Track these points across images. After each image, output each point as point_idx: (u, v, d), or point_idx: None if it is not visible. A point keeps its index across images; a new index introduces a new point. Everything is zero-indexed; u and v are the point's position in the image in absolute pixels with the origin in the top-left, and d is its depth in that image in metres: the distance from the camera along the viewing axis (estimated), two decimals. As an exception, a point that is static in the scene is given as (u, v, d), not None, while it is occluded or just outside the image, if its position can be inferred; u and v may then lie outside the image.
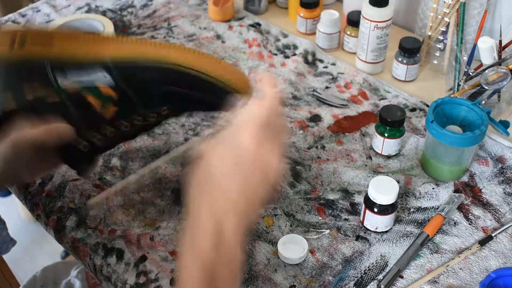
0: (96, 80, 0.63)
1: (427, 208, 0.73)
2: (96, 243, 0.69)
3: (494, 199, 0.74)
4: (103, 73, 0.63)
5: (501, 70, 0.78)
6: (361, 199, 0.73)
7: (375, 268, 0.66)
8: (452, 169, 0.75)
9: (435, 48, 0.95)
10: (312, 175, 0.78)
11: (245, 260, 0.67)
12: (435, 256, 0.67)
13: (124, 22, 1.11)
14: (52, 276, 1.06)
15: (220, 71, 0.67)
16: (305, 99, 0.91)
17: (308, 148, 0.82)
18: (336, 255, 0.68)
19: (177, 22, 1.10)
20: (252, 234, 0.70)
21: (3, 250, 1.08)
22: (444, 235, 0.70)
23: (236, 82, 0.68)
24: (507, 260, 0.67)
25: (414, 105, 0.89)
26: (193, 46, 1.04)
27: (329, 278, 0.65)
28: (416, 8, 0.98)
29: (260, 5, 1.12)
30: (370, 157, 0.80)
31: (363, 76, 0.94)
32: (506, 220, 0.71)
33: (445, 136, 0.71)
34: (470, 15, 0.91)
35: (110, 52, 0.64)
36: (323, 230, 0.70)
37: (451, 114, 0.76)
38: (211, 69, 0.66)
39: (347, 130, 0.85)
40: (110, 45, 0.64)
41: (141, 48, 0.64)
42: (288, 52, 1.01)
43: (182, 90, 0.66)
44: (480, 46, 0.81)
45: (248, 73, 0.97)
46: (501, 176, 0.76)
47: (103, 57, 0.64)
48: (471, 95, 0.83)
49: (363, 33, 0.92)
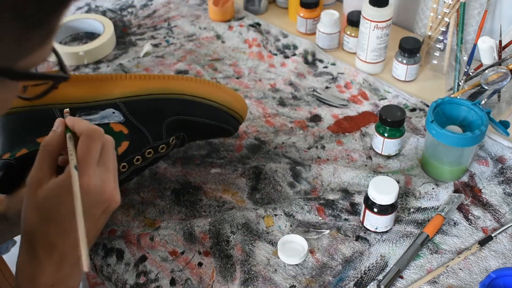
0: (106, 117, 0.65)
1: (427, 208, 0.73)
2: (96, 244, 0.69)
3: (494, 199, 0.74)
4: (112, 110, 0.66)
5: (501, 70, 0.78)
6: (361, 199, 0.73)
7: (375, 269, 0.66)
8: (452, 169, 0.75)
9: (435, 48, 0.95)
10: (312, 175, 0.78)
11: (245, 260, 0.67)
12: (435, 256, 0.67)
13: (124, 22, 1.11)
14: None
15: (222, 96, 0.71)
16: (305, 99, 0.91)
17: (308, 148, 0.82)
18: (336, 255, 0.68)
19: (177, 22, 1.10)
20: (252, 234, 0.70)
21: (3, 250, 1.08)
22: (444, 235, 0.70)
23: (236, 104, 0.73)
24: (506, 261, 0.67)
25: (414, 105, 0.89)
26: (193, 46, 1.04)
27: (329, 278, 0.65)
28: (416, 8, 0.98)
29: (260, 5, 1.12)
30: (370, 157, 0.80)
31: (363, 76, 0.94)
32: (506, 221, 0.71)
33: (445, 136, 0.71)
34: (470, 15, 0.91)
35: (117, 90, 0.66)
36: (323, 230, 0.70)
37: (451, 114, 0.76)
38: (214, 94, 0.70)
39: (347, 130, 0.85)
40: (117, 83, 0.67)
41: (145, 83, 0.67)
42: (288, 52, 1.01)
43: (189, 118, 0.69)
44: (480, 46, 0.81)
45: (248, 73, 0.97)
46: (501, 176, 0.76)
47: (111, 95, 0.66)
48: (471, 95, 0.83)
49: (363, 33, 0.92)
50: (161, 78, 0.68)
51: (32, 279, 0.53)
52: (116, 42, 1.05)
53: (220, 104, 0.71)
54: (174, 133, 0.69)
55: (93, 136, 0.54)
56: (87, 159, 0.52)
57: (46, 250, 0.53)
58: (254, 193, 0.76)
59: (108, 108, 0.66)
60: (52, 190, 0.52)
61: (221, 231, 0.70)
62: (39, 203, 0.52)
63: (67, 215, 0.52)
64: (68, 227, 0.52)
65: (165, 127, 0.68)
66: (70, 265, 0.55)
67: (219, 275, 0.66)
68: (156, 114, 0.68)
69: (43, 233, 0.53)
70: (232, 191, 0.76)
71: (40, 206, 0.52)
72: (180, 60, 1.00)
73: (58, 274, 0.54)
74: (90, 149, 0.53)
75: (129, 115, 0.66)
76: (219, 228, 0.70)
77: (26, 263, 0.54)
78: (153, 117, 0.67)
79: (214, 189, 0.76)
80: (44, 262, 0.53)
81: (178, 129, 0.70)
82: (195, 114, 0.70)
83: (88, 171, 0.52)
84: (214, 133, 0.75)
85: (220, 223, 0.71)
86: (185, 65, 0.98)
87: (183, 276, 0.66)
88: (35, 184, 0.53)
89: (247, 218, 0.71)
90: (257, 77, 0.96)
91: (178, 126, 0.69)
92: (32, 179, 0.53)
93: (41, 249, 0.53)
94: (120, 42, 1.05)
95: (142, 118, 0.67)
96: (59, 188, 0.52)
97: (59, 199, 0.52)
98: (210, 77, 0.96)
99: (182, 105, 0.69)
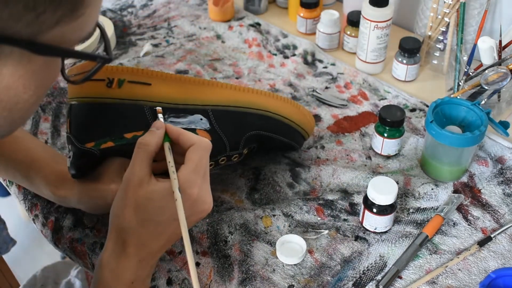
0: (193, 123, 0.65)
1: (426, 208, 0.73)
2: (94, 242, 0.69)
3: (493, 200, 0.73)
4: (200, 116, 0.66)
5: (501, 70, 0.77)
6: (360, 200, 0.73)
7: (374, 269, 0.66)
8: (452, 170, 0.75)
9: (435, 48, 0.95)
10: (312, 175, 0.77)
11: (243, 260, 0.67)
12: (434, 257, 0.67)
13: (124, 22, 1.11)
14: (52, 276, 1.06)
15: (299, 115, 0.73)
16: (304, 99, 0.91)
17: (308, 148, 0.82)
18: (335, 255, 0.67)
19: (177, 22, 1.10)
20: (251, 234, 0.70)
21: (3, 250, 1.08)
22: (443, 236, 0.69)
23: (308, 125, 0.76)
24: (506, 261, 0.66)
25: (414, 105, 0.88)
26: (193, 46, 1.04)
27: (328, 278, 0.65)
28: (416, 8, 0.98)
29: (260, 5, 1.12)
30: (369, 157, 0.80)
31: (363, 76, 0.94)
32: (505, 221, 0.71)
33: (445, 136, 0.71)
34: (470, 15, 0.91)
35: (208, 97, 0.67)
36: (322, 231, 0.70)
37: (451, 114, 0.76)
38: (293, 115, 0.73)
39: (347, 130, 0.85)
40: (208, 90, 0.67)
41: (235, 94, 0.68)
42: (287, 52, 1.01)
43: (267, 134, 0.71)
44: (480, 46, 0.81)
45: (247, 73, 0.97)
46: (500, 176, 0.76)
47: (202, 101, 0.67)
48: (471, 95, 0.83)
49: (363, 33, 0.92)
50: (250, 92, 0.69)
51: (117, 275, 0.55)
52: (116, 42, 1.05)
53: (297, 125, 0.74)
54: (249, 144, 0.70)
55: (207, 148, 0.56)
56: (199, 170, 0.54)
57: (136, 248, 0.54)
58: (253, 193, 0.75)
59: (196, 114, 0.66)
60: (155, 193, 0.53)
61: (219, 231, 0.70)
62: (139, 203, 0.53)
63: (166, 220, 0.54)
64: (162, 230, 0.55)
65: (244, 139, 0.69)
66: (151, 265, 0.57)
67: (217, 275, 0.65)
68: (239, 126, 0.68)
69: (138, 233, 0.54)
70: (231, 191, 0.76)
71: (140, 207, 0.53)
72: (180, 60, 1.00)
73: (140, 272, 0.56)
74: (202, 161, 0.55)
75: (215, 123, 0.67)
76: (217, 228, 0.70)
77: (112, 258, 0.55)
78: (236, 128, 0.68)
79: (212, 189, 0.75)
80: (132, 259, 0.55)
81: (253, 142, 0.71)
82: (274, 131, 0.72)
83: (198, 182, 0.54)
84: (281, 147, 0.77)
85: (218, 223, 0.70)
86: (185, 65, 0.98)
87: (180, 276, 0.65)
88: (137, 183, 0.54)
89: (245, 219, 0.71)
90: (257, 77, 0.96)
91: (254, 139, 0.70)
92: (133, 177, 0.54)
93: (132, 247, 0.54)
94: (120, 42, 1.05)
95: (226, 128, 0.67)
96: (163, 193, 0.53)
97: (162, 204, 0.53)
98: (209, 77, 0.96)
99: (264, 121, 0.70)
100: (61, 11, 0.37)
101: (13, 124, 0.44)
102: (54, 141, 0.84)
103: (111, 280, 0.55)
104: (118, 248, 0.55)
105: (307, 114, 0.75)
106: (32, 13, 0.36)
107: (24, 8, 0.35)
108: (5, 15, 0.35)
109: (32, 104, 0.42)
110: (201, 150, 0.55)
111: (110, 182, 0.63)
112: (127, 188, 0.54)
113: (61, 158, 0.71)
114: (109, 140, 0.62)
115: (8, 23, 0.36)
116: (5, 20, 0.35)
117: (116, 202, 0.55)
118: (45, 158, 0.70)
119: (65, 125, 0.86)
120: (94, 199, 0.65)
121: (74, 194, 0.66)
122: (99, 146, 0.62)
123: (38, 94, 0.42)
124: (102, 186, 0.64)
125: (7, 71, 0.38)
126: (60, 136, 0.84)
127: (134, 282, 0.55)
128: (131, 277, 0.55)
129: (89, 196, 0.65)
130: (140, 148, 0.55)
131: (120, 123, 0.63)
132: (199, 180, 0.54)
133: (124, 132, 0.63)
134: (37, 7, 0.36)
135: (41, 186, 0.69)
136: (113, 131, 0.63)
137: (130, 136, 0.63)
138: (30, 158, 0.69)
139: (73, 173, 0.64)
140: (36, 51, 0.38)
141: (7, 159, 0.70)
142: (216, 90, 0.67)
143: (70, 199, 0.67)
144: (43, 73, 0.41)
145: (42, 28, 0.37)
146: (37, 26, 0.37)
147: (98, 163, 0.65)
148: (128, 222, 0.54)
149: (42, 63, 0.40)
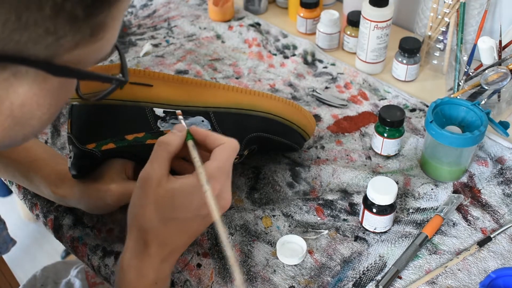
0: (195, 124, 0.65)
1: (426, 208, 0.73)
2: (96, 245, 0.69)
3: (493, 200, 0.73)
4: (202, 118, 0.66)
5: (501, 70, 0.77)
6: (360, 200, 0.73)
7: (373, 269, 0.66)
8: (451, 170, 0.75)
9: (435, 48, 0.95)
10: (311, 175, 0.78)
11: (244, 261, 0.67)
12: (433, 257, 0.67)
13: (124, 22, 1.11)
14: (52, 276, 1.06)
15: (300, 117, 0.73)
16: (304, 99, 0.91)
17: (308, 148, 0.82)
18: (334, 256, 0.67)
19: (177, 22, 1.10)
20: (251, 235, 0.70)
21: (3, 250, 1.08)
22: (442, 236, 0.69)
23: (309, 127, 0.75)
24: (505, 262, 0.66)
25: (414, 105, 0.88)
26: (193, 46, 1.04)
27: (328, 278, 0.65)
28: (416, 8, 0.98)
29: (260, 5, 1.12)
30: (369, 157, 0.80)
31: (363, 76, 0.94)
32: (505, 221, 0.71)
33: (444, 136, 0.71)
34: (470, 15, 0.91)
35: (209, 99, 0.67)
36: (322, 231, 0.70)
37: (451, 114, 0.76)
38: (295, 117, 0.72)
39: (347, 130, 0.85)
40: (210, 92, 0.67)
41: (237, 96, 0.68)
42: (287, 52, 1.01)
43: (268, 136, 0.71)
44: (480, 46, 0.81)
45: (247, 73, 0.97)
46: (500, 177, 0.76)
47: (204, 103, 0.66)
48: (471, 95, 0.83)
49: (363, 33, 0.92)
50: (251, 94, 0.69)
51: (141, 275, 0.54)
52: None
53: (298, 127, 0.74)
54: (250, 146, 0.70)
55: (235, 149, 0.56)
56: (224, 168, 0.54)
57: (159, 248, 0.54)
58: (253, 193, 0.75)
59: (198, 116, 0.66)
60: (176, 191, 0.53)
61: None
62: (160, 201, 0.53)
63: (189, 217, 0.54)
64: (184, 228, 0.55)
65: (245, 141, 0.69)
66: (171, 264, 0.57)
67: (218, 276, 0.65)
68: (241, 128, 0.68)
69: (159, 232, 0.54)
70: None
71: (162, 205, 0.53)
72: (180, 60, 1.00)
73: (163, 272, 0.55)
74: (229, 160, 0.55)
75: (216, 125, 0.66)
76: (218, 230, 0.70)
77: (134, 258, 0.54)
78: (238, 130, 0.68)
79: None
80: (154, 259, 0.54)
81: (254, 143, 0.71)
82: (275, 133, 0.72)
83: (222, 179, 0.54)
84: (281, 148, 0.77)
85: (219, 224, 0.70)
86: (185, 65, 0.98)
87: (181, 277, 0.65)
88: (156, 182, 0.53)
89: (245, 219, 0.71)
90: (257, 77, 0.96)
91: (255, 140, 0.70)
92: (152, 176, 0.53)
93: (154, 247, 0.54)
94: (120, 42, 1.05)
95: (227, 129, 0.67)
96: (185, 190, 0.53)
97: (184, 200, 0.53)
98: (209, 77, 0.96)
99: (266, 123, 0.70)
100: (81, 35, 0.37)
101: (25, 138, 0.43)
102: (54, 141, 0.84)
103: (135, 281, 0.54)
104: (139, 248, 0.54)
105: (308, 116, 0.74)
106: (53, 36, 0.35)
107: (45, 32, 0.35)
108: (24, 38, 0.35)
109: (45, 120, 0.42)
110: (230, 150, 0.55)
111: (110, 183, 0.63)
112: (146, 187, 0.53)
113: (61, 158, 0.71)
114: (110, 141, 0.62)
115: (27, 46, 0.35)
116: (23, 43, 0.35)
117: (134, 202, 0.54)
118: (45, 158, 0.70)
119: (65, 125, 0.86)
120: (94, 199, 0.65)
121: (74, 194, 0.66)
122: (100, 147, 0.62)
123: (51, 112, 0.42)
124: (103, 186, 0.64)
125: (22, 90, 0.38)
126: (60, 136, 0.84)
127: (158, 282, 0.55)
128: (155, 277, 0.54)
129: (89, 196, 0.65)
130: (161, 146, 0.55)
131: (121, 124, 0.63)
132: (223, 177, 0.54)
133: (125, 133, 0.63)
134: (57, 31, 0.35)
135: (41, 185, 0.69)
136: (114, 133, 0.63)
137: (131, 137, 0.63)
138: (30, 158, 0.70)
139: (74, 173, 0.64)
140: (52, 73, 0.38)
141: (7, 159, 0.71)
142: (218, 92, 0.67)
143: (70, 198, 0.67)
144: (58, 92, 0.41)
145: (60, 51, 0.37)
146: (55, 49, 0.37)
147: (99, 164, 0.65)
148: (149, 221, 0.53)
149: (57, 82, 0.40)
